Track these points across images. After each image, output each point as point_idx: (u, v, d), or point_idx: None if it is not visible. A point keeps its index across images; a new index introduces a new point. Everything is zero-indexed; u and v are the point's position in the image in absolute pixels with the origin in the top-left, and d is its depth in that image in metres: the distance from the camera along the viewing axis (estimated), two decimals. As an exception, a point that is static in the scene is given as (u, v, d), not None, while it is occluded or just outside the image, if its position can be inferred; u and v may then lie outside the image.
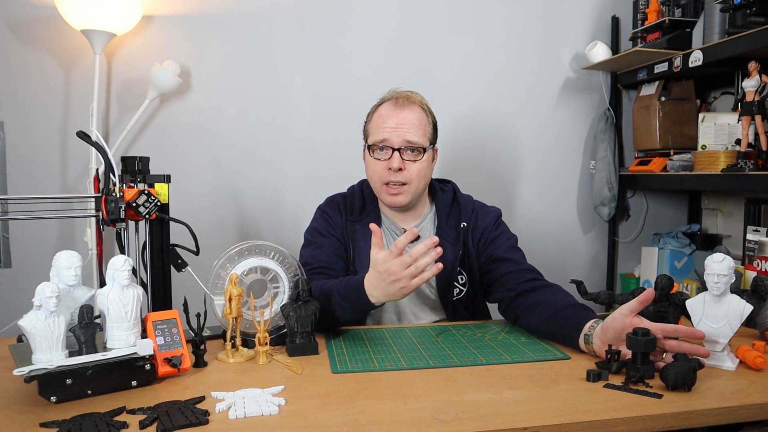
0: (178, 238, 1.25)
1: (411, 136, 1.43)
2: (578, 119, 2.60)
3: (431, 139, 1.50)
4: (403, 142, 1.43)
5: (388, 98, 1.50)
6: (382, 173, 1.45)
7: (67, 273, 1.04)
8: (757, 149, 1.91)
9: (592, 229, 2.67)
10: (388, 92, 1.52)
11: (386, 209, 1.54)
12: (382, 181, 1.46)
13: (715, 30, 2.02)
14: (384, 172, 1.45)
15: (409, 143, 1.43)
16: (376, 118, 1.49)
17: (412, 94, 1.50)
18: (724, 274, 1.09)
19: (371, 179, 1.51)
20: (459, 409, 0.91)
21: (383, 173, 1.45)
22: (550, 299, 1.30)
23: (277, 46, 2.32)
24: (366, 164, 1.52)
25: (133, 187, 1.16)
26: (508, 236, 1.53)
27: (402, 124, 1.44)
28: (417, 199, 1.51)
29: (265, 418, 0.88)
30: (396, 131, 1.43)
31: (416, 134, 1.44)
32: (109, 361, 0.97)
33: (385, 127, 1.44)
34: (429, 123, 1.49)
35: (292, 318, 1.19)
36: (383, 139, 1.44)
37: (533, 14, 2.51)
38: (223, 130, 2.30)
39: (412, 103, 1.47)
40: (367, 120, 1.53)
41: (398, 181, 1.44)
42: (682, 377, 0.97)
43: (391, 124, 1.44)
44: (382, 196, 1.49)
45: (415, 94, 1.51)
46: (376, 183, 1.48)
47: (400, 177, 1.44)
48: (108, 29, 2.03)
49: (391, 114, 1.45)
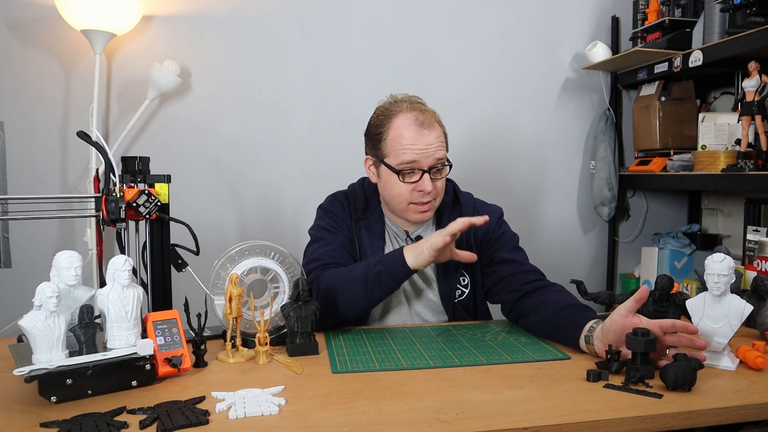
0: (178, 238, 1.25)
1: (439, 155, 1.41)
2: (578, 119, 2.60)
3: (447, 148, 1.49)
4: (434, 161, 1.40)
5: (402, 111, 1.42)
6: (410, 194, 1.42)
7: (67, 273, 1.04)
8: (757, 149, 1.91)
9: (592, 229, 2.67)
10: (397, 101, 1.46)
11: (389, 211, 1.54)
12: (409, 202, 1.43)
13: (715, 30, 2.02)
14: (411, 193, 1.42)
15: (438, 160, 1.41)
16: (396, 137, 1.41)
17: (427, 108, 1.45)
18: (724, 274, 1.09)
19: (394, 200, 1.46)
20: (459, 409, 0.91)
21: (412, 194, 1.42)
22: (552, 299, 1.30)
23: (277, 47, 2.32)
24: (384, 183, 1.46)
25: (133, 187, 1.16)
26: (510, 236, 1.52)
27: (430, 146, 1.40)
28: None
29: (265, 418, 0.88)
30: (425, 154, 1.39)
31: (442, 152, 1.43)
32: (110, 361, 0.97)
33: (413, 150, 1.39)
34: (445, 133, 1.47)
35: (292, 318, 1.19)
36: (412, 161, 1.39)
37: (533, 14, 2.51)
38: (223, 130, 2.30)
39: (432, 117, 1.43)
40: (380, 132, 1.44)
41: (428, 201, 1.43)
42: (682, 377, 0.97)
43: (420, 146, 1.39)
44: (409, 215, 1.46)
45: (428, 108, 1.46)
46: (401, 203, 1.45)
47: (429, 197, 1.42)
48: (108, 29, 2.03)
49: (419, 136, 1.40)
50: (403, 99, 1.47)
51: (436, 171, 1.42)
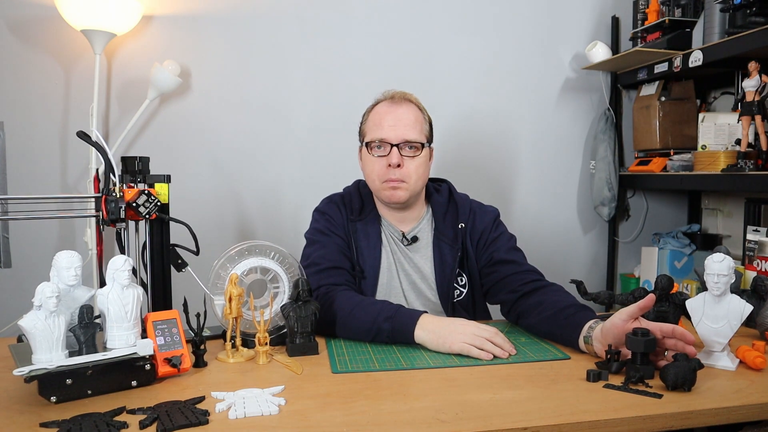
0: (178, 238, 1.25)
1: (409, 132, 1.44)
2: (578, 119, 2.60)
3: (428, 137, 1.50)
4: (401, 139, 1.43)
5: (382, 98, 1.51)
6: (381, 171, 1.45)
7: (67, 273, 1.04)
8: (757, 149, 1.91)
9: (592, 229, 2.67)
10: (382, 93, 1.53)
11: (384, 211, 1.54)
12: (381, 179, 1.45)
13: (715, 30, 2.02)
14: (382, 170, 1.44)
15: (407, 140, 1.44)
16: (372, 117, 1.49)
17: (407, 93, 1.51)
18: (724, 274, 1.09)
19: (369, 178, 1.50)
20: (459, 409, 0.91)
21: (381, 171, 1.45)
22: (551, 299, 1.30)
23: (277, 47, 2.32)
24: (363, 163, 1.51)
25: (133, 187, 1.16)
26: (507, 237, 1.52)
27: (399, 121, 1.44)
28: (415, 199, 1.51)
29: (265, 418, 0.88)
30: (394, 128, 1.44)
31: (414, 131, 1.45)
32: (109, 361, 0.97)
33: (383, 124, 1.45)
34: (425, 121, 1.50)
35: (292, 318, 1.19)
36: (381, 137, 1.44)
37: (533, 14, 2.51)
38: (223, 130, 2.30)
39: (408, 101, 1.48)
40: (363, 120, 1.53)
41: (397, 178, 1.44)
42: (682, 377, 0.97)
43: (389, 121, 1.44)
44: (381, 193, 1.48)
45: (409, 93, 1.52)
46: (375, 181, 1.47)
47: (399, 174, 1.43)
48: (108, 29, 2.03)
49: (388, 111, 1.46)
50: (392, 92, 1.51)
51: (408, 149, 1.44)
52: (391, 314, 1.24)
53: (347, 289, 1.38)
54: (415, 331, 1.21)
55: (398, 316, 1.24)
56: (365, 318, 1.26)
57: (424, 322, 1.22)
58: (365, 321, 1.26)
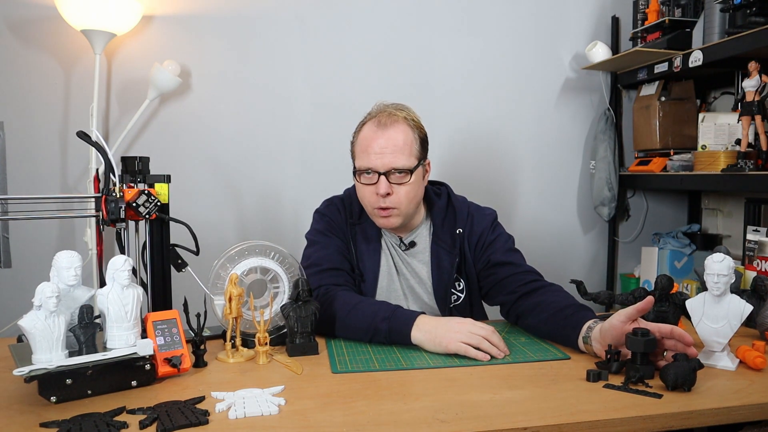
0: (178, 238, 1.25)
1: (396, 160, 1.37)
2: (578, 119, 2.60)
3: (419, 156, 1.42)
4: (388, 167, 1.37)
5: (371, 116, 1.44)
6: (371, 198, 1.41)
7: (67, 273, 1.04)
8: (757, 149, 1.91)
9: (592, 229, 2.67)
10: (374, 106, 1.46)
11: None
12: (372, 206, 1.43)
13: (715, 30, 2.02)
14: (372, 197, 1.41)
15: (395, 168, 1.37)
16: (360, 141, 1.43)
17: (397, 109, 1.43)
18: (724, 274, 1.09)
19: (362, 202, 1.47)
20: (459, 409, 0.91)
21: (372, 198, 1.41)
22: (550, 299, 1.30)
23: (276, 47, 2.32)
24: (357, 189, 1.48)
25: (133, 187, 1.16)
26: (505, 239, 1.52)
27: (385, 148, 1.37)
28: (410, 217, 1.48)
29: (265, 418, 0.88)
30: (380, 156, 1.37)
31: (402, 156, 1.38)
32: (109, 361, 0.97)
33: (369, 152, 1.38)
34: (416, 140, 1.42)
35: (292, 318, 1.19)
36: (368, 166, 1.39)
37: (533, 14, 2.51)
38: (223, 130, 2.30)
39: (396, 121, 1.40)
40: (353, 140, 1.47)
41: (387, 206, 1.40)
42: (682, 377, 0.97)
43: (375, 148, 1.38)
44: (375, 219, 1.46)
45: (400, 109, 1.43)
46: (367, 207, 1.45)
47: (389, 202, 1.39)
48: (108, 29, 2.03)
49: (375, 136, 1.39)
50: (381, 108, 1.45)
51: (397, 174, 1.38)
52: (388, 315, 1.24)
53: (347, 290, 1.38)
54: (411, 332, 1.21)
55: (395, 316, 1.24)
56: (363, 318, 1.26)
57: (420, 323, 1.22)
58: (363, 321, 1.26)
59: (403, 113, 1.42)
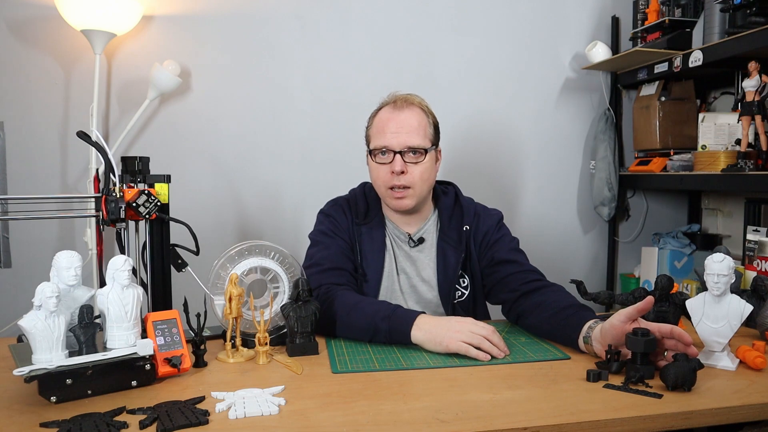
0: (178, 238, 1.25)
1: (411, 139, 1.43)
2: (578, 119, 2.60)
3: (433, 140, 1.48)
4: (404, 146, 1.42)
5: (387, 102, 1.49)
6: (386, 178, 1.45)
7: (67, 273, 1.04)
8: (757, 149, 1.91)
9: (592, 229, 2.67)
10: (388, 96, 1.51)
11: (390, 213, 1.54)
12: (386, 186, 1.45)
13: (715, 30, 2.02)
14: (387, 176, 1.44)
15: (410, 146, 1.43)
16: (376, 123, 1.48)
17: (411, 96, 1.49)
18: (724, 274, 1.09)
19: (375, 184, 1.50)
20: (459, 409, 0.91)
21: (386, 178, 1.44)
22: (551, 299, 1.30)
23: (277, 46, 2.32)
24: (369, 169, 1.51)
25: (133, 187, 1.16)
26: (510, 239, 1.53)
27: (401, 127, 1.43)
28: (422, 203, 1.51)
29: (265, 418, 0.88)
30: (396, 135, 1.43)
31: (417, 136, 1.44)
32: (109, 361, 0.97)
33: (385, 131, 1.44)
34: (429, 124, 1.48)
35: (292, 318, 1.19)
36: (384, 144, 1.44)
37: (533, 14, 2.51)
38: (223, 130, 2.30)
39: (411, 104, 1.46)
40: (368, 125, 1.52)
41: (402, 184, 1.43)
42: (682, 377, 0.97)
43: (392, 128, 1.43)
44: (387, 201, 1.49)
45: (413, 96, 1.50)
46: (381, 188, 1.48)
47: (403, 180, 1.43)
48: (108, 29, 2.03)
49: (391, 117, 1.45)
50: (396, 95, 1.50)
51: (411, 155, 1.43)
52: (388, 314, 1.24)
53: (348, 289, 1.38)
54: (411, 332, 1.21)
55: (396, 315, 1.24)
56: (363, 317, 1.26)
57: (420, 323, 1.22)
58: (363, 320, 1.26)
59: (417, 99, 1.50)
